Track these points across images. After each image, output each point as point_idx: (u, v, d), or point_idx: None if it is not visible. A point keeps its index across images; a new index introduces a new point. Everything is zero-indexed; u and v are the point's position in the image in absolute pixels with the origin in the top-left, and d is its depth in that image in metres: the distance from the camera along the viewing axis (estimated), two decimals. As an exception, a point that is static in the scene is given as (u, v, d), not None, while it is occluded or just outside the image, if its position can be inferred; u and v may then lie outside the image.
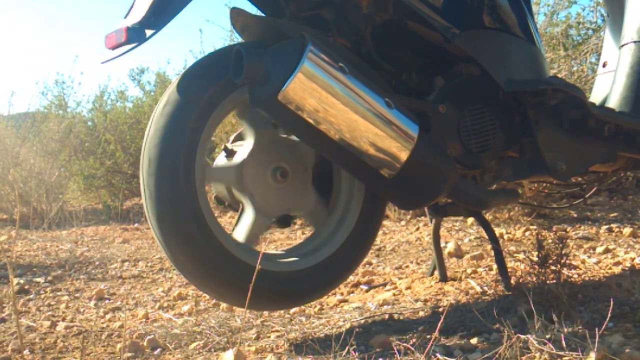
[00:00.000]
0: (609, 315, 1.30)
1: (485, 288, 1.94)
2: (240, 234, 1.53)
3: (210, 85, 1.45)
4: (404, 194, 1.53)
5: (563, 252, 1.68)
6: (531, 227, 3.09)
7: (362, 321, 1.71)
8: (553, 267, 1.65)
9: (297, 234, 3.61)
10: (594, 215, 3.33)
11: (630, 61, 1.88)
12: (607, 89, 1.95)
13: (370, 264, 2.57)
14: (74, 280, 2.61)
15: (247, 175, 1.52)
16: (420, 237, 3.14)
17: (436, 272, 2.14)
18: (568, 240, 1.92)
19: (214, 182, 1.60)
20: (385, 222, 3.62)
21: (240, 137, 1.67)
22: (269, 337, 1.62)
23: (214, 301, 2.06)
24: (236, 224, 1.56)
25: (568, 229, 2.96)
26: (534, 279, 1.67)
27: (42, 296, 2.31)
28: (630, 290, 1.74)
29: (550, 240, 1.72)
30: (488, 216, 3.28)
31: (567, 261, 1.76)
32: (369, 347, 1.43)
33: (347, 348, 1.35)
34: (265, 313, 1.85)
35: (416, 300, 1.90)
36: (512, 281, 1.86)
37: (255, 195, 1.53)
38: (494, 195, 1.68)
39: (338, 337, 1.43)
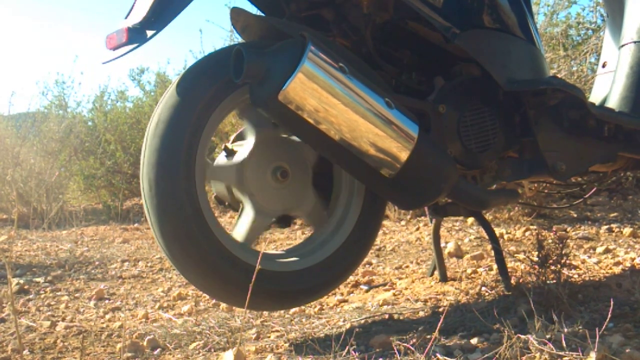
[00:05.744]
0: (609, 315, 1.30)
1: (485, 288, 1.94)
2: (239, 233, 1.53)
3: (210, 86, 1.45)
4: (404, 194, 1.53)
5: (563, 252, 1.68)
6: (531, 227, 3.09)
7: (362, 321, 1.71)
8: (553, 267, 1.65)
9: (297, 234, 3.61)
10: (594, 215, 3.33)
11: (630, 61, 1.88)
12: (607, 89, 1.95)
13: (370, 264, 2.57)
14: (73, 280, 2.61)
15: (247, 175, 1.52)
16: (420, 237, 3.14)
17: (436, 272, 2.14)
18: (568, 240, 1.92)
19: (214, 181, 1.60)
20: (385, 222, 3.62)
21: (240, 137, 1.67)
22: (269, 337, 1.62)
23: (213, 301, 2.06)
24: (236, 224, 1.57)
25: (568, 229, 2.96)
26: (534, 279, 1.67)
27: (42, 296, 2.31)
28: (630, 290, 1.74)
29: (550, 240, 1.72)
30: (488, 216, 3.28)
31: (567, 261, 1.76)
32: (369, 347, 1.43)
33: (347, 348, 1.35)
34: (265, 313, 1.85)
35: (416, 300, 1.90)
36: (512, 281, 1.86)
37: (255, 194, 1.53)
38: (494, 195, 1.68)
39: (338, 337, 1.43)
